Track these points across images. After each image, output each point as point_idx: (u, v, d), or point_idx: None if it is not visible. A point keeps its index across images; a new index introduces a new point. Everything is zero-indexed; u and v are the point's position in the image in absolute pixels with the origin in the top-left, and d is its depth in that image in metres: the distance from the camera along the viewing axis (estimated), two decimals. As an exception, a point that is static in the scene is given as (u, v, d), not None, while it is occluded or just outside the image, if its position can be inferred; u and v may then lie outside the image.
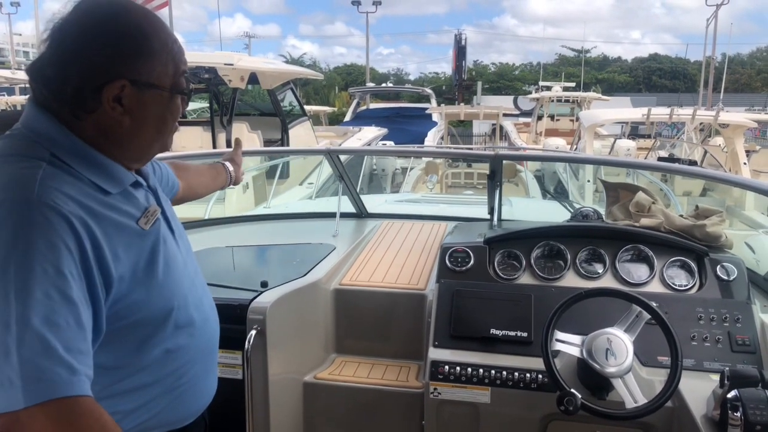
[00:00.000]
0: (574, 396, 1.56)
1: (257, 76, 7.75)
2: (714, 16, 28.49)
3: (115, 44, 1.00)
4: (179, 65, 1.08)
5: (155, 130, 1.08)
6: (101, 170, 1.02)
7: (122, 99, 1.01)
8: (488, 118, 15.72)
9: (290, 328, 2.08)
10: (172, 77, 1.06)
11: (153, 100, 1.04)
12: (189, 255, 1.24)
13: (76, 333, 0.87)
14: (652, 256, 2.07)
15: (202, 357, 1.21)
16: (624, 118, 11.22)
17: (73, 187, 0.96)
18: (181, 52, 1.09)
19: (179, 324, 1.12)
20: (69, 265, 0.89)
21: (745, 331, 1.86)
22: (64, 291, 0.87)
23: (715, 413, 1.50)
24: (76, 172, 0.99)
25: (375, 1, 33.82)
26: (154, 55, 1.03)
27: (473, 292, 2.05)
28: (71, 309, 0.88)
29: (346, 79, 48.98)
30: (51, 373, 0.82)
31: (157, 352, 1.08)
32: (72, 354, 0.85)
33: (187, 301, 1.14)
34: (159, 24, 1.06)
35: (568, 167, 7.48)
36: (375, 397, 2.14)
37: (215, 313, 1.30)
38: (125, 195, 1.06)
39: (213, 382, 1.29)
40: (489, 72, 54.78)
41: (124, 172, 1.07)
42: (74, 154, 1.00)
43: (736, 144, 8.26)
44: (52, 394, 0.82)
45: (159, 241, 1.09)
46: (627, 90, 48.22)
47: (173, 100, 1.08)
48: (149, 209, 1.10)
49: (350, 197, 3.14)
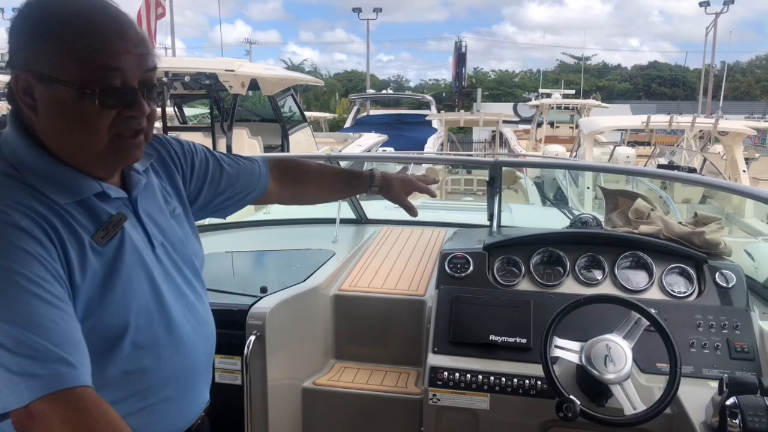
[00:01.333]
0: (573, 402, 1.56)
1: (258, 83, 7.77)
2: (713, 24, 28.65)
3: (31, 31, 0.94)
4: (111, 64, 0.95)
5: (80, 130, 0.97)
6: (48, 179, 0.97)
7: (34, 92, 0.95)
8: (488, 124, 15.74)
9: (289, 334, 2.08)
10: (93, 78, 0.94)
11: (61, 97, 0.94)
12: (179, 268, 1.16)
13: (63, 330, 0.87)
14: (651, 263, 2.08)
15: (178, 378, 1.12)
16: (624, 126, 11.25)
17: (24, 194, 0.93)
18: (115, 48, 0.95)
19: (139, 344, 1.04)
20: (34, 268, 0.87)
21: (743, 338, 1.86)
22: (37, 294, 0.86)
23: (714, 420, 1.50)
24: (27, 180, 0.95)
25: (376, 8, 34.00)
26: (64, 47, 0.93)
27: (472, 299, 2.05)
28: (50, 309, 0.87)
29: (346, 86, 49.07)
30: (47, 369, 0.82)
31: (113, 372, 1.01)
32: (63, 349, 0.84)
33: (151, 320, 1.06)
34: (91, 14, 0.95)
35: (568, 174, 7.49)
36: (374, 403, 2.14)
37: (206, 329, 1.22)
38: (83, 205, 1.00)
39: (196, 403, 1.22)
40: (489, 79, 54.86)
41: (80, 181, 1.00)
42: (24, 162, 0.97)
43: (735, 151, 8.28)
44: (54, 386, 0.82)
45: (120, 257, 1.02)
46: (627, 97, 48.29)
47: (90, 100, 0.94)
48: (110, 222, 1.02)
49: (350, 203, 3.15)
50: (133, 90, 0.99)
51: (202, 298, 1.24)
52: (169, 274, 1.13)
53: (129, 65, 0.98)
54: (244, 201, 1.48)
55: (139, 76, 1.00)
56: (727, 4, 29.01)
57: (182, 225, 1.25)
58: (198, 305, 1.20)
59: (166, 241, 1.15)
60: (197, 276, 1.24)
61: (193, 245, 1.25)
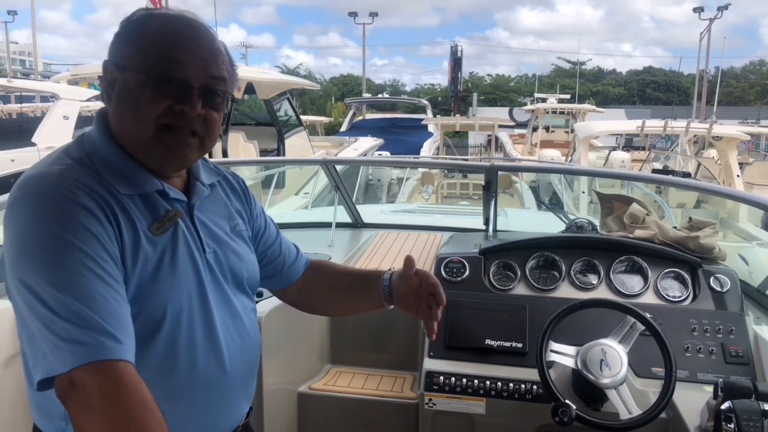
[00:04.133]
0: (569, 407, 1.56)
1: (254, 86, 7.77)
2: (707, 29, 28.83)
3: (125, 33, 1.04)
4: (173, 57, 1.01)
5: (132, 115, 1.02)
6: (116, 171, 1.02)
7: (115, 83, 1.03)
8: (484, 129, 15.77)
9: (285, 339, 2.08)
10: (154, 65, 1.00)
11: (127, 83, 1.02)
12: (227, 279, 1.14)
13: (113, 306, 0.89)
14: (646, 268, 2.08)
15: (210, 386, 1.09)
16: (618, 130, 11.29)
17: (93, 180, 0.98)
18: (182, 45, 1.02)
19: (177, 342, 1.03)
20: (92, 245, 0.91)
21: (738, 343, 1.87)
22: (92, 269, 0.89)
23: (708, 424, 1.51)
24: (98, 170, 1.01)
25: (372, 13, 34.08)
26: (142, 42, 1.02)
27: (468, 303, 2.05)
28: (102, 285, 0.89)
29: (342, 90, 49.15)
30: (93, 339, 0.84)
31: (147, 365, 0.98)
32: (111, 324, 0.87)
33: (193, 320, 1.05)
34: (174, 21, 1.04)
35: (563, 178, 7.52)
36: (370, 407, 2.13)
37: (247, 343, 1.17)
38: (144, 199, 1.04)
39: (229, 416, 1.18)
40: (485, 83, 55.06)
41: (144, 176, 1.05)
42: (98, 154, 1.03)
43: (729, 156, 8.32)
44: (98, 356, 0.83)
45: (173, 250, 1.04)
46: (621, 102, 48.56)
47: (146, 86, 1.00)
48: (166, 215, 1.06)
49: (346, 207, 3.15)
50: (190, 87, 1.02)
51: (249, 312, 1.21)
52: (218, 280, 1.12)
53: (192, 63, 1.02)
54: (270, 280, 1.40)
55: (202, 80, 1.03)
56: (721, 10, 29.27)
57: (242, 242, 1.23)
58: (243, 317, 1.18)
59: (219, 251, 1.14)
60: (245, 292, 1.21)
61: (249, 264, 1.22)
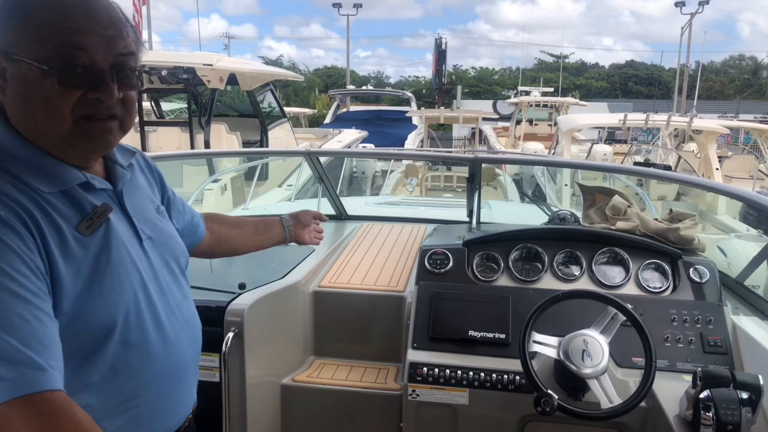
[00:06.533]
0: (551, 397, 1.57)
1: (236, 77, 7.69)
2: (688, 24, 29.13)
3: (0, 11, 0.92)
4: (73, 41, 0.91)
5: (41, 110, 0.92)
6: (30, 167, 0.93)
7: (6, 73, 0.92)
8: (468, 122, 15.80)
9: (268, 331, 2.07)
10: (53, 55, 0.90)
11: (25, 75, 0.91)
12: (167, 264, 1.14)
13: (34, 328, 0.82)
14: (628, 259, 2.10)
15: (165, 377, 1.09)
16: (601, 123, 11.39)
17: (5, 182, 0.90)
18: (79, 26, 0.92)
19: (128, 341, 1.00)
20: (9, 260, 0.83)
21: (716, 333, 1.90)
22: (9, 288, 0.82)
23: (687, 413, 1.53)
24: (8, 168, 0.92)
25: (356, 4, 33.89)
26: (28, 23, 0.90)
27: (452, 294, 2.06)
28: (22, 305, 0.82)
29: (326, 81, 48.88)
30: (14, 372, 0.78)
31: (100, 368, 0.97)
32: (33, 349, 0.80)
33: (141, 316, 1.02)
34: None
35: (546, 171, 7.57)
36: (353, 399, 2.13)
37: (192, 329, 1.18)
38: (67, 196, 0.96)
39: (184, 404, 1.19)
40: (469, 76, 55.09)
41: (63, 170, 0.97)
42: (5, 150, 0.94)
43: (708, 150, 8.45)
44: (21, 390, 0.78)
45: (107, 250, 0.98)
46: (604, 96, 48.89)
47: (50, 78, 0.91)
48: (94, 212, 0.98)
49: (330, 199, 3.14)
50: (101, 71, 0.94)
51: (188, 296, 1.20)
52: (156, 271, 1.10)
53: (96, 45, 0.93)
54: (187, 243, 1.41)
55: (110, 59, 0.94)
56: (702, 5, 29.56)
57: (167, 222, 1.22)
58: (185, 304, 1.17)
59: (154, 236, 1.12)
60: (183, 274, 1.21)
61: (180, 243, 1.22)
